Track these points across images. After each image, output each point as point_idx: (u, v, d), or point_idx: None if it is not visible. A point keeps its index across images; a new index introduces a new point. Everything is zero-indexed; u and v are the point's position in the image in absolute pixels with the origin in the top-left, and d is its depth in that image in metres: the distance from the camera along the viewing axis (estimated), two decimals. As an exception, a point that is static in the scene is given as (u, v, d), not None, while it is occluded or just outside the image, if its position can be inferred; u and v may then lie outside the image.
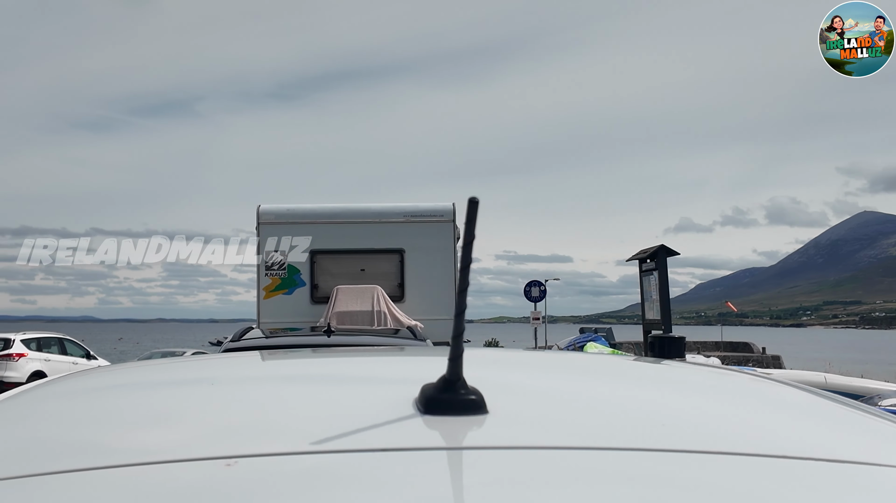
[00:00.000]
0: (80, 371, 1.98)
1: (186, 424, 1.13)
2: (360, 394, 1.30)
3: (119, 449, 1.01)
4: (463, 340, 1.05)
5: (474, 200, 1.01)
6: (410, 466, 0.92)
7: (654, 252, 13.83)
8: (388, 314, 11.63)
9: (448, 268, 12.25)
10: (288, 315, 12.05)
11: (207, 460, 0.91)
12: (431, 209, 12.34)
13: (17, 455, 1.02)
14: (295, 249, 12.18)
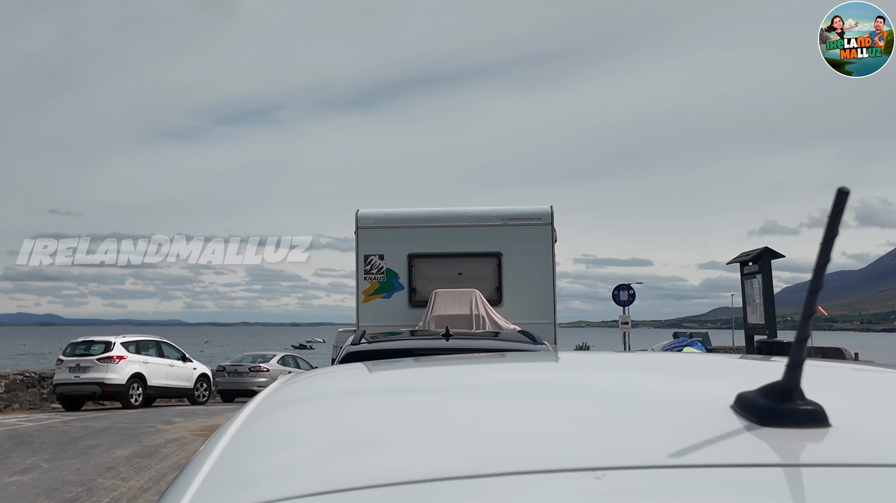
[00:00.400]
0: (306, 376, 1.92)
1: (510, 433, 1.07)
2: (658, 404, 1.21)
3: (472, 459, 0.96)
4: (805, 347, 0.95)
5: (844, 191, 0.90)
6: (770, 483, 0.84)
7: (758, 254, 13.46)
8: (486, 318, 11.55)
9: (546, 271, 12.12)
10: (387, 319, 12.07)
11: (576, 471, 0.87)
12: (529, 212, 12.23)
13: (335, 467, 0.98)
14: (393, 253, 12.22)
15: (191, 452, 12.92)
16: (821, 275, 0.93)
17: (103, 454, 12.32)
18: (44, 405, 23.25)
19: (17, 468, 11.14)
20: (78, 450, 12.67)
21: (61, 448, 12.97)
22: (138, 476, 10.53)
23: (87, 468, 11.10)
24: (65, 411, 21.75)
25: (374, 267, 12.25)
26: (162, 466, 11.27)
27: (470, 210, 12.48)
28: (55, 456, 12.17)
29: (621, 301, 25.84)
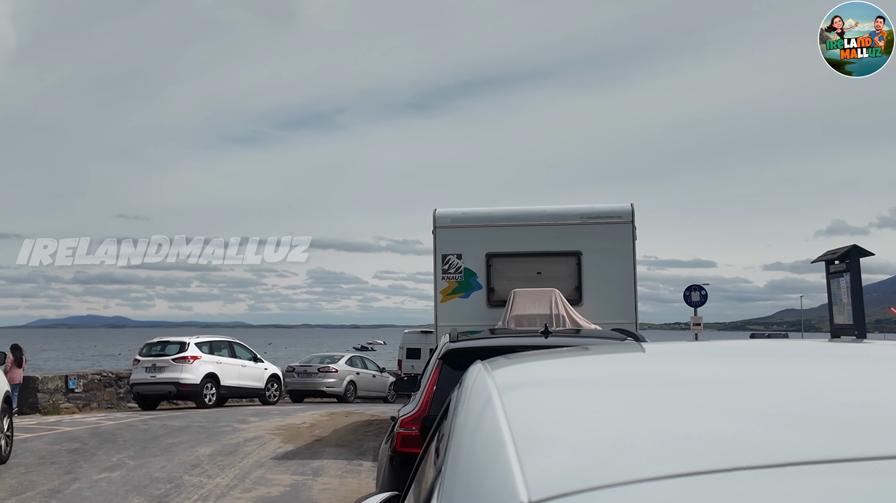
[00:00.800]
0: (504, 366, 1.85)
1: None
2: (831, 395, 1.18)
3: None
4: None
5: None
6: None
7: (846, 252, 13.04)
8: (566, 317, 11.41)
9: (627, 270, 11.93)
10: (465, 318, 12.01)
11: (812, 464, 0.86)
12: (609, 210, 12.06)
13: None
14: (471, 253, 12.16)
15: (271, 451, 13.06)
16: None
17: (186, 452, 12.49)
18: (120, 404, 23.75)
19: (105, 465, 11.35)
20: (161, 448, 12.87)
21: (145, 446, 13.18)
22: (223, 474, 10.64)
23: (172, 465, 11.25)
24: (141, 410, 22.18)
25: (452, 266, 12.20)
26: (245, 464, 11.37)
27: (548, 208, 12.37)
28: (140, 453, 12.38)
29: (693, 302, 25.31)
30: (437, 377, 5.40)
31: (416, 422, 5.24)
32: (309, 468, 11.08)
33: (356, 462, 11.57)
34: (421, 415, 5.25)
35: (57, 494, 9.42)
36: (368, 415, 19.22)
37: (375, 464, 11.42)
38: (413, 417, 5.28)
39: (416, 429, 5.21)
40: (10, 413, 11.90)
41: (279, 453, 12.49)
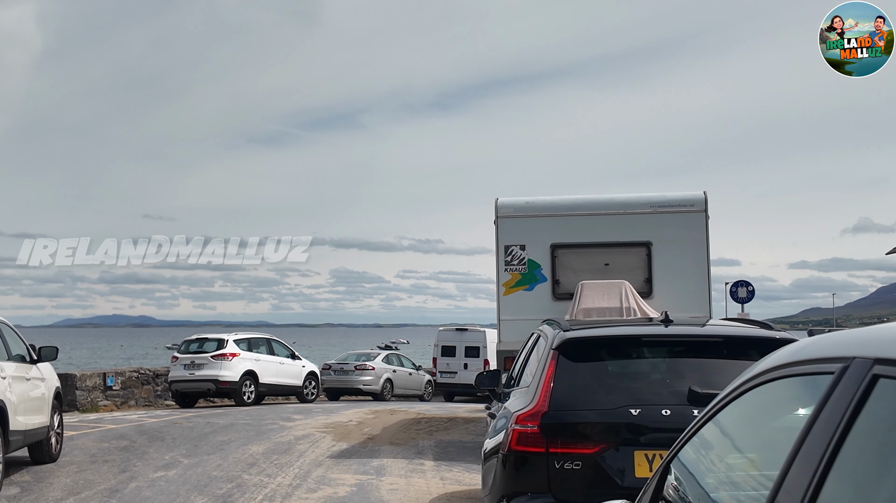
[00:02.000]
0: None
1: None
2: None
3: None
4: None
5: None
6: None
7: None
8: (637, 311, 10.93)
9: (701, 261, 11.44)
10: (529, 312, 11.56)
11: None
12: (681, 198, 11.56)
13: None
14: (535, 243, 11.71)
15: (325, 449, 12.64)
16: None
17: (239, 450, 12.12)
18: (158, 402, 23.48)
19: (159, 463, 10.99)
20: (212, 447, 12.50)
21: (195, 444, 12.83)
22: (283, 472, 10.24)
23: (227, 464, 10.87)
24: (180, 408, 21.89)
25: (516, 258, 11.75)
26: (302, 463, 10.97)
27: (617, 197, 11.89)
28: (192, 451, 12.02)
29: (739, 298, 24.82)
30: (555, 370, 4.95)
31: (534, 418, 4.79)
32: (370, 467, 10.66)
33: (417, 461, 11.14)
34: (540, 410, 4.80)
35: (116, 493, 9.06)
36: (414, 412, 18.82)
37: (437, 464, 11.02)
38: (530, 413, 4.83)
39: (535, 425, 4.78)
40: (60, 410, 11.57)
41: (334, 451, 12.08)
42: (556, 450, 4.73)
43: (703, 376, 4.86)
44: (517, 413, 4.91)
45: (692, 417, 4.84)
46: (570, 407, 4.80)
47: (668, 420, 4.63)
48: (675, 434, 4.91)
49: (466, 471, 10.38)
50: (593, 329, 5.50)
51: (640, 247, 11.53)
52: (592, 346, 5.12)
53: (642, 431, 4.66)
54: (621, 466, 4.66)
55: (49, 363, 11.57)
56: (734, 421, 2.30)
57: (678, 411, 4.65)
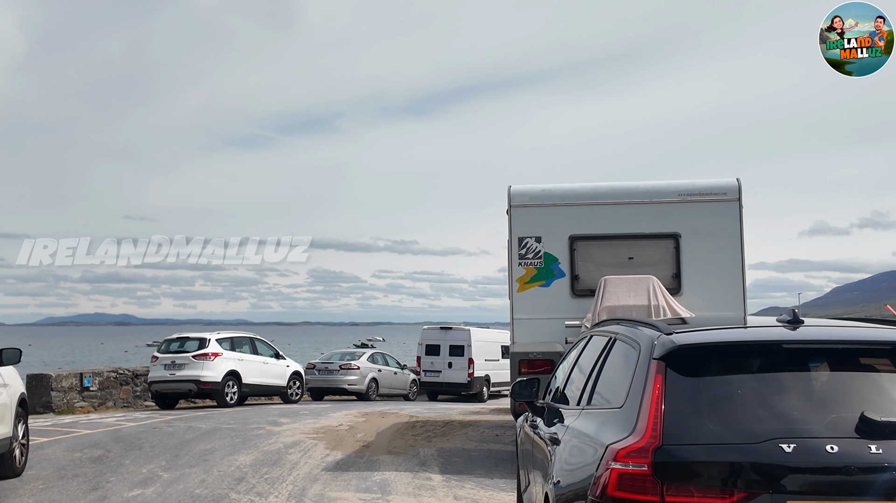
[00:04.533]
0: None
1: None
2: None
3: None
4: None
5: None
6: None
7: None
8: (667, 309, 9.63)
9: (735, 254, 10.18)
10: (546, 310, 10.26)
11: None
12: (713, 186, 10.28)
13: None
14: (552, 235, 10.39)
15: (318, 460, 11.10)
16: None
17: (224, 461, 10.67)
18: (137, 403, 21.93)
19: (136, 479, 9.51)
20: (194, 457, 11.03)
21: (175, 453, 11.35)
22: (275, 490, 8.81)
23: (212, 479, 9.42)
24: (160, 409, 20.35)
25: (531, 251, 10.42)
26: (296, 477, 9.54)
27: (642, 184, 10.55)
28: (171, 463, 10.55)
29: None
30: (663, 387, 3.55)
31: (642, 454, 3.37)
32: (373, 483, 9.26)
33: (423, 475, 9.75)
34: (650, 444, 3.40)
35: (84, 519, 7.59)
36: (405, 415, 17.42)
37: (445, 478, 9.62)
38: (636, 448, 3.41)
39: (646, 464, 3.37)
40: (25, 418, 10.04)
41: (329, 463, 10.66)
42: (675, 499, 3.34)
43: (869, 396, 3.50)
44: (616, 446, 3.49)
45: (869, 454, 3.30)
46: (693, 439, 3.39)
47: (835, 458, 3.27)
48: (843, 478, 3.52)
49: (480, 487, 9.04)
50: (709, 332, 4.11)
51: (667, 239, 10.28)
52: (714, 356, 3.72)
53: (799, 475, 3.27)
54: None
55: (13, 367, 10.01)
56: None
57: (848, 447, 3.29)
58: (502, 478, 9.45)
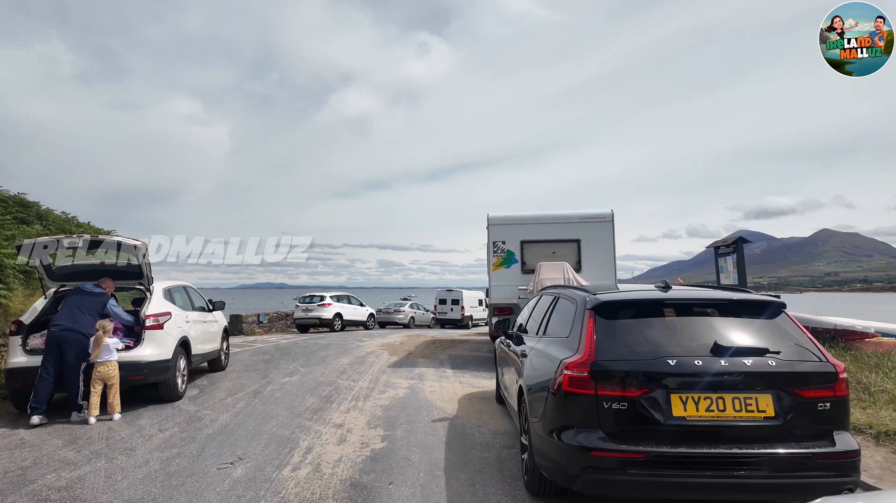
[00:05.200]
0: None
1: None
2: None
3: None
4: None
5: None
6: None
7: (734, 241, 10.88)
8: (574, 280, 9.17)
9: (609, 251, 9.69)
10: (508, 280, 9.80)
11: None
12: (598, 214, 9.79)
13: None
14: (511, 239, 9.93)
15: (385, 361, 10.48)
16: None
17: (334, 362, 10.23)
18: (288, 330, 21.41)
19: (286, 371, 9.09)
20: (318, 359, 10.60)
21: (308, 357, 10.92)
22: (362, 378, 8.38)
23: (328, 372, 8.99)
24: (299, 334, 19.86)
25: (499, 248, 9.96)
26: (373, 371, 9.10)
27: (559, 212, 10.04)
28: (306, 363, 10.11)
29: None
30: (594, 326, 3.15)
31: (583, 366, 2.99)
32: (414, 374, 8.82)
33: (441, 370, 9.30)
34: (588, 359, 3.00)
35: (258, 394, 7.16)
36: (429, 336, 16.88)
37: (454, 371, 9.18)
38: (580, 362, 3.02)
39: (585, 372, 2.97)
40: (227, 339, 9.61)
41: (391, 363, 10.22)
42: (604, 392, 2.93)
43: (717, 332, 3.10)
44: (567, 360, 3.10)
45: (719, 366, 2.72)
46: (614, 357, 3.01)
47: (700, 369, 2.86)
48: (705, 379, 3.11)
49: (473, 376, 8.58)
50: (620, 293, 3.66)
51: (573, 242, 9.80)
52: (623, 308, 3.31)
53: (678, 378, 2.88)
54: (660, 407, 2.89)
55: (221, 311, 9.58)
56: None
57: (707, 361, 2.88)
58: (485, 371, 9.02)
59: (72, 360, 5.70)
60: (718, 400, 2.82)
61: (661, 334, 3.11)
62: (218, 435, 5.24)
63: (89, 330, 5.86)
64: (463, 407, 6.35)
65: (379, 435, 5.20)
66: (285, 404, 6.53)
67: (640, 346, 3.05)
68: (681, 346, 2.99)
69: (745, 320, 3.13)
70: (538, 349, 3.83)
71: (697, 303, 3.29)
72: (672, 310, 3.23)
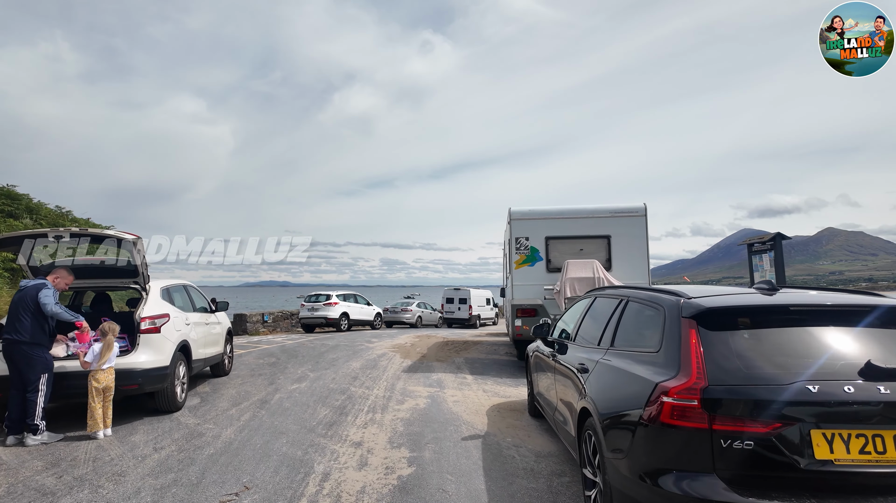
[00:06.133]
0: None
1: None
2: None
3: None
4: None
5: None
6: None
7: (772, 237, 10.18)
8: (605, 280, 8.50)
9: (643, 248, 9.01)
10: (532, 280, 9.13)
11: None
12: (630, 208, 9.10)
13: None
14: (535, 236, 9.25)
15: (398, 365, 9.83)
16: None
17: (344, 366, 9.58)
18: (293, 329, 20.80)
19: (294, 376, 8.44)
20: (327, 363, 9.96)
21: (316, 360, 10.28)
22: (376, 385, 7.72)
23: (339, 377, 8.34)
24: (305, 333, 19.24)
25: (522, 245, 9.28)
26: (387, 376, 8.45)
27: (588, 206, 9.34)
28: (314, 367, 9.47)
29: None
30: (698, 340, 2.46)
31: (692, 392, 2.30)
32: (433, 380, 8.16)
33: (461, 376, 8.64)
34: (698, 383, 2.32)
35: (265, 405, 6.51)
36: (440, 337, 16.26)
37: (474, 377, 8.52)
38: (686, 386, 2.32)
39: (696, 401, 2.29)
40: (231, 341, 8.97)
41: (405, 367, 9.56)
42: (722, 427, 2.24)
43: (864, 348, 2.40)
44: (666, 383, 2.41)
45: (878, 393, 1.87)
46: (733, 381, 2.32)
47: (852, 397, 2.17)
48: (858, 410, 2.40)
49: (496, 384, 7.92)
50: (725, 297, 2.81)
51: (603, 238, 9.11)
52: (734, 316, 2.58)
53: (822, 409, 2.20)
54: (799, 447, 2.20)
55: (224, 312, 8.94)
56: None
57: (860, 387, 2.20)
58: (508, 377, 8.36)
59: (21, 373, 4.90)
60: (876, 438, 2.15)
61: (789, 351, 2.41)
62: (221, 455, 4.59)
63: (30, 334, 4.96)
64: (493, 421, 5.68)
65: (404, 457, 4.54)
66: (295, 416, 5.88)
67: (763, 367, 2.35)
68: (819, 367, 2.31)
69: (887, 331, 2.44)
70: (609, 365, 3.14)
71: (838, 311, 2.57)
72: (798, 320, 2.53)
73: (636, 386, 2.64)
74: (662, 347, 2.64)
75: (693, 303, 2.65)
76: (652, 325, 2.86)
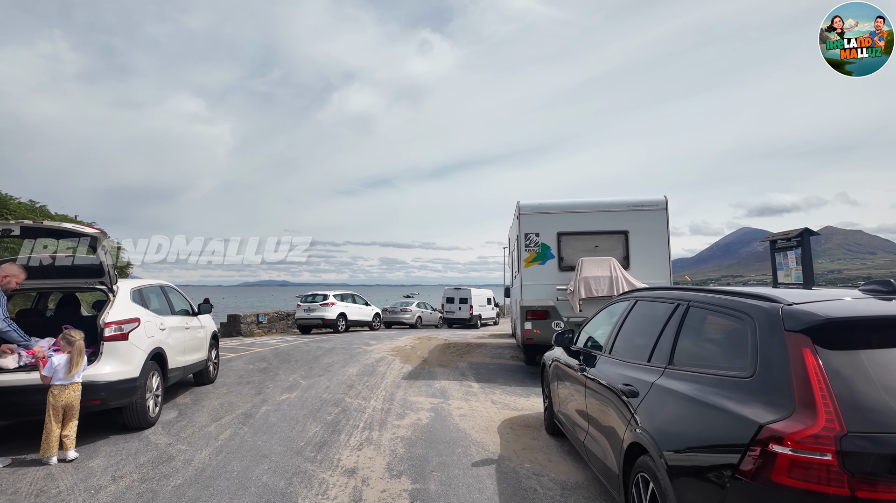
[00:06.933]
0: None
1: None
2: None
3: None
4: None
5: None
6: None
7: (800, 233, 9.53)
8: (622, 279, 7.82)
9: (664, 244, 8.32)
10: (542, 279, 8.44)
11: None
12: (649, 201, 8.41)
13: None
14: (546, 232, 8.56)
15: (398, 371, 8.99)
16: None
17: (340, 372, 8.89)
18: (289, 331, 20.12)
19: (285, 385, 7.74)
20: (322, 368, 9.26)
21: (310, 366, 9.58)
22: (374, 395, 7.03)
23: (333, 386, 7.65)
24: (301, 335, 18.55)
25: (532, 241, 8.58)
26: (386, 384, 7.76)
27: (603, 199, 8.64)
28: (307, 374, 8.77)
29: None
30: (820, 365, 1.75)
31: (824, 441, 1.60)
32: (436, 390, 7.47)
33: (466, 384, 7.95)
34: (832, 429, 1.61)
35: (249, 419, 5.80)
36: (441, 339, 15.57)
37: (480, 385, 7.82)
38: (813, 432, 1.62)
39: (830, 454, 1.58)
40: (216, 346, 8.27)
41: (405, 373, 8.87)
42: (868, 494, 1.54)
43: None
44: (777, 426, 1.71)
45: None
46: (881, 427, 1.61)
47: None
48: None
49: (505, 393, 7.24)
50: (847, 304, 2.02)
51: (620, 234, 8.42)
52: (866, 331, 1.83)
53: None
54: None
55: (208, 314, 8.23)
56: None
57: None
58: (517, 386, 7.68)
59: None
60: None
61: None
62: (189, 487, 3.89)
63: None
64: (506, 440, 4.99)
65: (406, 489, 3.84)
66: (281, 435, 5.18)
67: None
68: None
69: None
70: (671, 389, 2.42)
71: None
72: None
73: (724, 423, 1.93)
74: (758, 370, 1.94)
75: (801, 312, 1.94)
76: (733, 340, 2.16)
